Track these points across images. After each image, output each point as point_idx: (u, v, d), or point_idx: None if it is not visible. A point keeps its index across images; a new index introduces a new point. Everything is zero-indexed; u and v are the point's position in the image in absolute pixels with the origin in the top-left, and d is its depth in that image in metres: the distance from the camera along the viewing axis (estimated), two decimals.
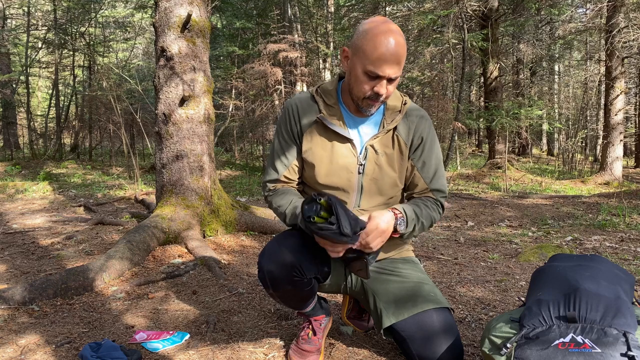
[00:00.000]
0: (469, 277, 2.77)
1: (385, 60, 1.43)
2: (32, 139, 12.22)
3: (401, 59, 1.45)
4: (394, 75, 1.46)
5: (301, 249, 1.56)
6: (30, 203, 5.92)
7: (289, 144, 1.65)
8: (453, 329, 1.57)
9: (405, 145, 1.64)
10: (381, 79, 1.46)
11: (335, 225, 1.36)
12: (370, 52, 1.43)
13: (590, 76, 15.37)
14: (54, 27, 11.94)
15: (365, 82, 1.48)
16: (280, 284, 1.55)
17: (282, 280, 1.54)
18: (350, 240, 1.40)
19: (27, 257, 3.23)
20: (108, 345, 1.75)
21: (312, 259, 1.58)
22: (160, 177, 3.65)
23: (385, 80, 1.47)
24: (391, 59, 1.43)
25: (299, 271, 1.53)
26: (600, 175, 9.70)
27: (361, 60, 1.46)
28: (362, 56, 1.45)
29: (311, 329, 1.74)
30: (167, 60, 3.54)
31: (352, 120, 1.63)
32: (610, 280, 1.46)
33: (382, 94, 1.48)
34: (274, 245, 1.58)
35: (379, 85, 1.47)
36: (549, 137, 20.75)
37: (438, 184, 1.68)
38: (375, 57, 1.43)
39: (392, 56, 1.43)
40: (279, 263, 1.53)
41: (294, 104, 1.65)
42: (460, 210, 5.49)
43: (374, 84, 1.47)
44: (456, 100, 10.23)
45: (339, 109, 1.62)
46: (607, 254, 3.37)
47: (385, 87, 1.48)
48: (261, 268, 1.57)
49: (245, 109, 10.81)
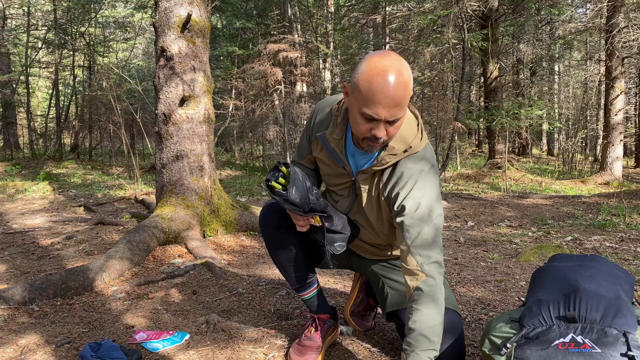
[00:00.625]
0: (469, 277, 2.77)
1: (380, 103, 1.31)
2: (32, 139, 12.22)
3: (400, 100, 1.32)
4: (392, 118, 1.34)
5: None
6: (30, 203, 5.92)
7: (304, 142, 1.72)
8: (456, 328, 1.57)
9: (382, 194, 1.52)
10: (378, 121, 1.35)
11: (285, 193, 1.46)
12: (365, 93, 1.32)
13: (590, 76, 15.36)
14: (54, 27, 11.94)
15: (362, 124, 1.37)
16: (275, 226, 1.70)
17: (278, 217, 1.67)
18: (297, 211, 1.49)
19: (27, 257, 3.23)
20: (108, 345, 1.75)
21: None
22: (160, 177, 3.65)
23: (383, 123, 1.35)
24: (387, 102, 1.31)
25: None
26: (600, 175, 9.70)
27: (357, 100, 1.35)
28: (358, 96, 1.34)
29: (314, 326, 1.75)
30: (167, 60, 3.54)
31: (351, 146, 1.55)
32: (610, 280, 1.46)
33: (379, 137, 1.37)
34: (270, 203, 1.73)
35: (376, 129, 1.36)
36: (549, 137, 20.75)
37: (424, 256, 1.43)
38: (369, 99, 1.31)
39: (388, 99, 1.30)
40: (274, 206, 1.69)
41: (319, 107, 1.66)
42: (460, 210, 5.49)
43: (371, 126, 1.36)
44: (456, 100, 10.22)
45: (343, 131, 1.54)
46: (607, 254, 3.37)
47: (384, 130, 1.36)
48: (260, 219, 1.76)
49: (245, 109, 10.81)
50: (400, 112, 1.35)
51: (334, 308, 1.87)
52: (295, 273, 1.77)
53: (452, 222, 4.85)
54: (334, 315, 1.83)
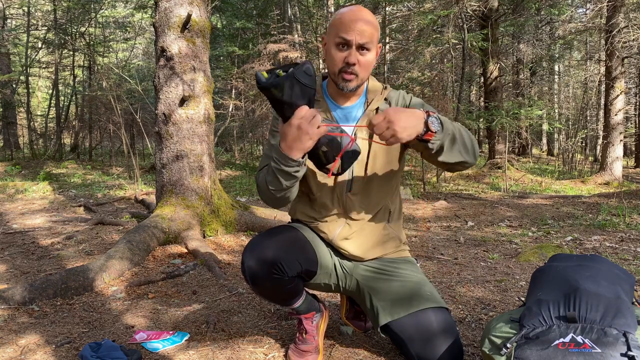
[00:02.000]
0: (469, 277, 2.77)
1: (349, 26, 1.47)
2: (32, 139, 12.22)
3: (368, 24, 1.48)
4: (361, 41, 1.48)
5: (285, 246, 1.55)
6: (30, 203, 5.92)
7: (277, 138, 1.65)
8: (452, 328, 1.57)
9: None
10: (349, 47, 1.49)
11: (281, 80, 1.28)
12: (338, 24, 1.50)
13: (590, 76, 15.37)
14: (54, 27, 11.95)
15: (336, 54, 1.52)
16: (260, 280, 1.53)
17: (262, 277, 1.52)
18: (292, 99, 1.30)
19: (27, 257, 3.23)
20: (108, 345, 1.75)
21: (296, 256, 1.56)
22: (160, 177, 3.65)
23: (355, 48, 1.49)
24: (355, 25, 1.47)
25: (279, 269, 1.51)
26: (600, 175, 9.70)
27: (330, 35, 1.53)
28: (331, 31, 1.52)
29: (303, 329, 1.73)
30: (167, 60, 3.54)
31: (340, 109, 1.65)
32: (610, 280, 1.46)
33: (352, 62, 1.50)
34: (258, 240, 1.57)
35: (349, 56, 1.49)
36: (549, 137, 20.76)
37: None
38: (339, 26, 1.49)
39: (355, 22, 1.47)
40: (259, 259, 1.51)
41: None
42: (460, 210, 5.49)
43: (344, 55, 1.50)
44: (456, 100, 10.23)
45: (324, 102, 1.65)
46: (607, 254, 3.37)
47: (356, 56, 1.50)
48: (242, 262, 1.55)
49: (245, 109, 10.82)
50: (368, 40, 1.49)
51: (316, 296, 1.81)
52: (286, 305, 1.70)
53: (452, 222, 4.85)
54: (318, 308, 1.77)
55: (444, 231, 4.36)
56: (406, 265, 1.73)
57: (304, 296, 1.70)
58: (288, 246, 1.56)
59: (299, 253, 1.58)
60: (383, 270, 1.70)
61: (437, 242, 3.84)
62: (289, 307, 1.70)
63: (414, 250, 3.48)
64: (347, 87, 1.56)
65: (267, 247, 1.52)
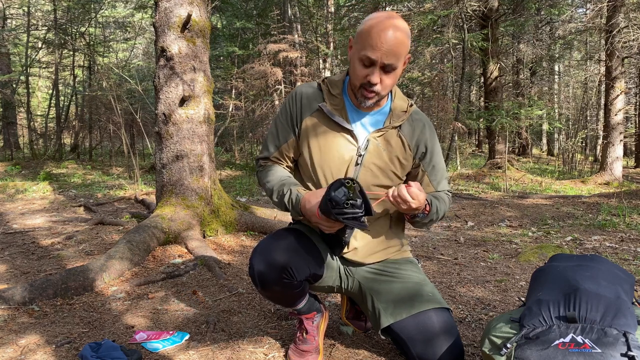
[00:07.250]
0: (469, 277, 2.77)
1: (377, 46, 1.42)
2: (32, 139, 12.21)
3: (396, 46, 1.43)
4: (386, 61, 1.44)
5: (294, 250, 1.55)
6: (30, 203, 5.92)
7: (285, 127, 1.67)
8: (453, 329, 1.57)
9: (409, 146, 1.65)
10: (374, 66, 1.45)
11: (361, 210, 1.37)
12: (365, 36, 1.44)
13: (590, 76, 15.36)
14: (54, 27, 11.94)
15: (360, 69, 1.48)
16: (270, 284, 1.54)
17: (272, 281, 1.53)
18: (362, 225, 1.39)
19: (27, 257, 3.23)
20: (108, 345, 1.75)
21: (305, 260, 1.56)
22: (160, 177, 3.65)
23: (379, 68, 1.46)
24: (383, 46, 1.42)
25: (289, 273, 1.52)
26: (600, 175, 9.69)
27: (357, 46, 1.48)
28: (359, 41, 1.47)
29: (304, 329, 1.73)
30: (167, 60, 3.54)
31: (356, 112, 1.64)
32: (610, 280, 1.46)
33: (374, 82, 1.47)
34: (267, 244, 1.56)
35: (371, 74, 1.46)
36: (549, 137, 20.75)
37: (443, 185, 1.75)
38: (368, 42, 1.43)
39: (384, 43, 1.41)
40: (269, 263, 1.51)
41: (299, 91, 1.67)
42: (460, 210, 5.49)
43: (367, 72, 1.47)
44: (456, 100, 10.23)
45: (342, 100, 1.63)
46: (607, 254, 3.37)
47: (378, 77, 1.47)
48: (252, 266, 1.55)
49: (245, 109, 10.81)
50: (395, 60, 1.45)
51: (317, 297, 1.82)
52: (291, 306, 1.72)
53: (452, 222, 4.85)
54: (319, 308, 1.77)
55: (444, 231, 4.36)
56: (407, 266, 1.73)
57: (307, 297, 1.70)
58: (297, 250, 1.55)
59: (308, 257, 1.58)
60: (384, 271, 1.70)
61: (437, 242, 3.84)
62: (292, 308, 1.71)
63: (414, 250, 3.48)
64: (366, 103, 1.56)
65: (277, 251, 1.52)
